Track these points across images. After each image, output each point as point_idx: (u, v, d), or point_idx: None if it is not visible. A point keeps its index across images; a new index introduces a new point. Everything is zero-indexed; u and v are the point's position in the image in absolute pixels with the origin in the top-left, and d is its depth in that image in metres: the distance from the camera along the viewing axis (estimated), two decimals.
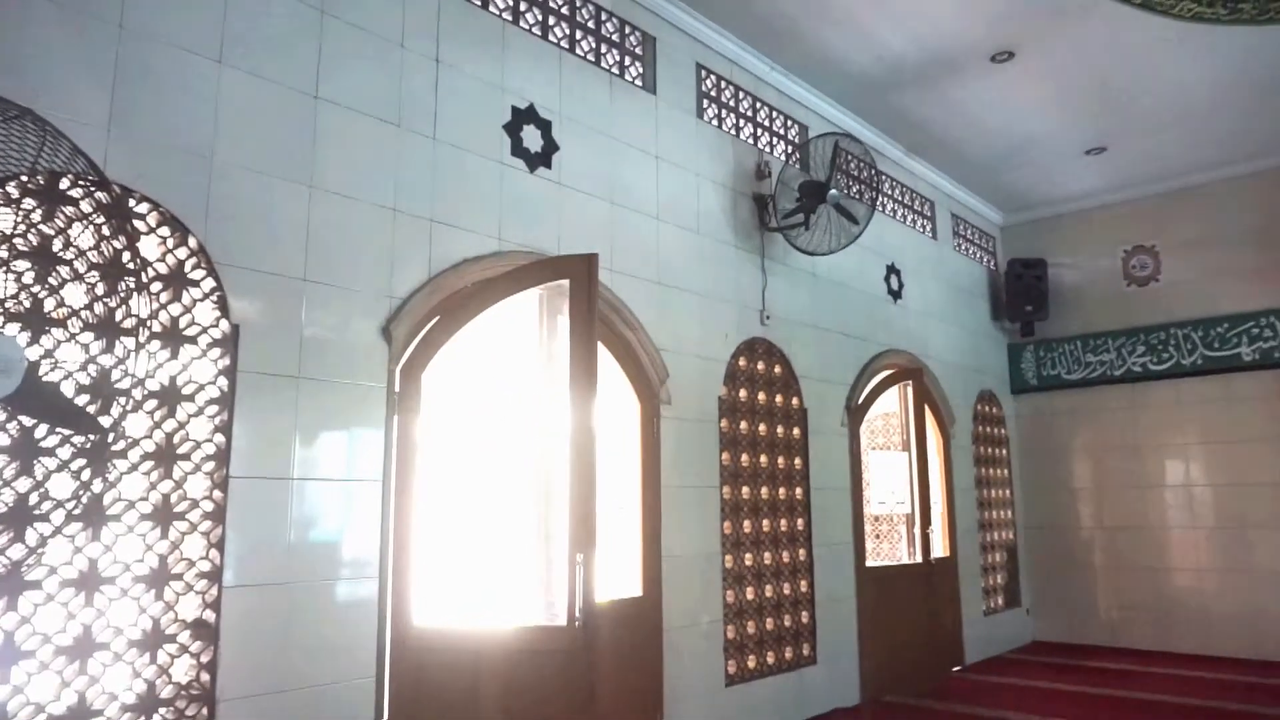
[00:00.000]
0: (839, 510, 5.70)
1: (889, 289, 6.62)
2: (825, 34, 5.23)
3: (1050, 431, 8.09)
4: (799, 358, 5.51)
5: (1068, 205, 8.10)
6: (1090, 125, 6.55)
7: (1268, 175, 7.16)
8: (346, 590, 3.09)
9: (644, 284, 4.50)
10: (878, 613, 5.77)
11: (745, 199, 5.31)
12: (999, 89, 5.94)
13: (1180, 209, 7.58)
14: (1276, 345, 6.98)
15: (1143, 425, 7.60)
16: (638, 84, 4.73)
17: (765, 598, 4.99)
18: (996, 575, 7.55)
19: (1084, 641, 7.62)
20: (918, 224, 7.23)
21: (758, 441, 5.11)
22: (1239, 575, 7.02)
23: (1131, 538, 7.56)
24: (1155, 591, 7.40)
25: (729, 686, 4.65)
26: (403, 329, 3.35)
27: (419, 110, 3.57)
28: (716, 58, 5.25)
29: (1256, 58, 5.57)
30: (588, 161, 4.30)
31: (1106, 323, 7.83)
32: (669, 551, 4.38)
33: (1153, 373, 7.54)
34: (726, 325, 5.01)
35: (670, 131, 4.85)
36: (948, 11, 5.02)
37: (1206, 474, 7.26)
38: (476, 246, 3.69)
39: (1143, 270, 7.74)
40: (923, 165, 7.18)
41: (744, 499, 4.94)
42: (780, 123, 5.79)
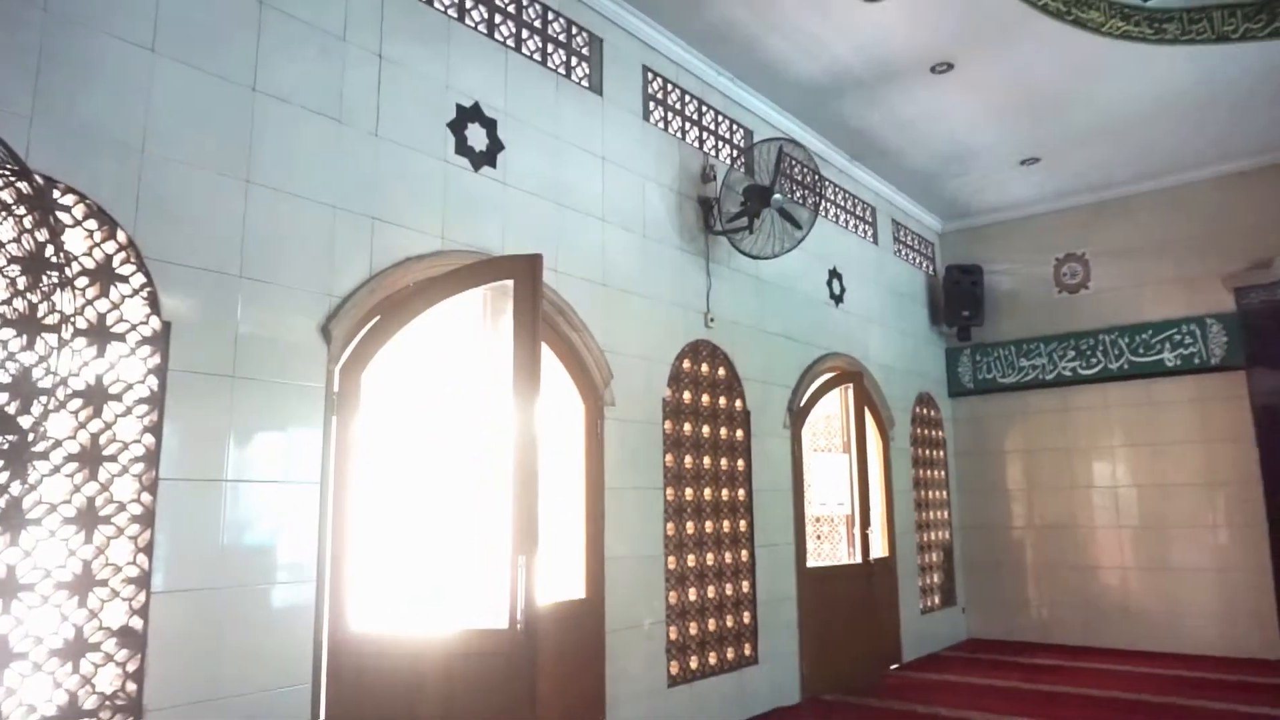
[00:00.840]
0: (781, 511, 5.77)
1: (831, 293, 6.72)
2: (771, 40, 5.29)
3: (985, 434, 8.30)
4: (742, 360, 5.56)
5: (1003, 213, 8.33)
6: (1024, 136, 6.74)
7: (1190, 189, 7.46)
8: (282, 595, 3.02)
9: (589, 285, 4.50)
10: (818, 612, 5.85)
11: (690, 202, 5.34)
12: (938, 99, 6.08)
13: (1109, 219, 7.85)
14: (1196, 352, 7.27)
15: (1072, 428, 7.85)
16: (584, 85, 4.72)
17: (708, 598, 5.02)
18: (933, 574, 7.72)
19: (1016, 638, 7.83)
20: (859, 229, 7.36)
21: (701, 443, 5.15)
22: (1160, 573, 7.30)
23: (1061, 537, 7.80)
24: (1083, 589, 7.64)
25: (671, 687, 4.66)
26: (342, 328, 3.29)
27: (361, 106, 3.52)
28: (663, 61, 5.27)
29: (1180, 76, 5.80)
30: (533, 161, 4.28)
31: (1039, 328, 8.07)
32: (612, 553, 4.38)
33: (1082, 377, 7.79)
34: (671, 327, 5.03)
35: (616, 133, 4.85)
36: (890, 22, 5.12)
37: (1131, 475, 7.53)
38: (419, 245, 3.64)
39: (1073, 278, 8.00)
40: (865, 172, 7.31)
41: (687, 500, 4.97)
42: (726, 127, 5.83)
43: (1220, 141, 6.87)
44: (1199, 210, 7.42)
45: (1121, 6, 5.34)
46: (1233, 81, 5.90)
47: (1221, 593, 7.01)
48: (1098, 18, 5.29)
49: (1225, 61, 5.63)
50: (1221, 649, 6.92)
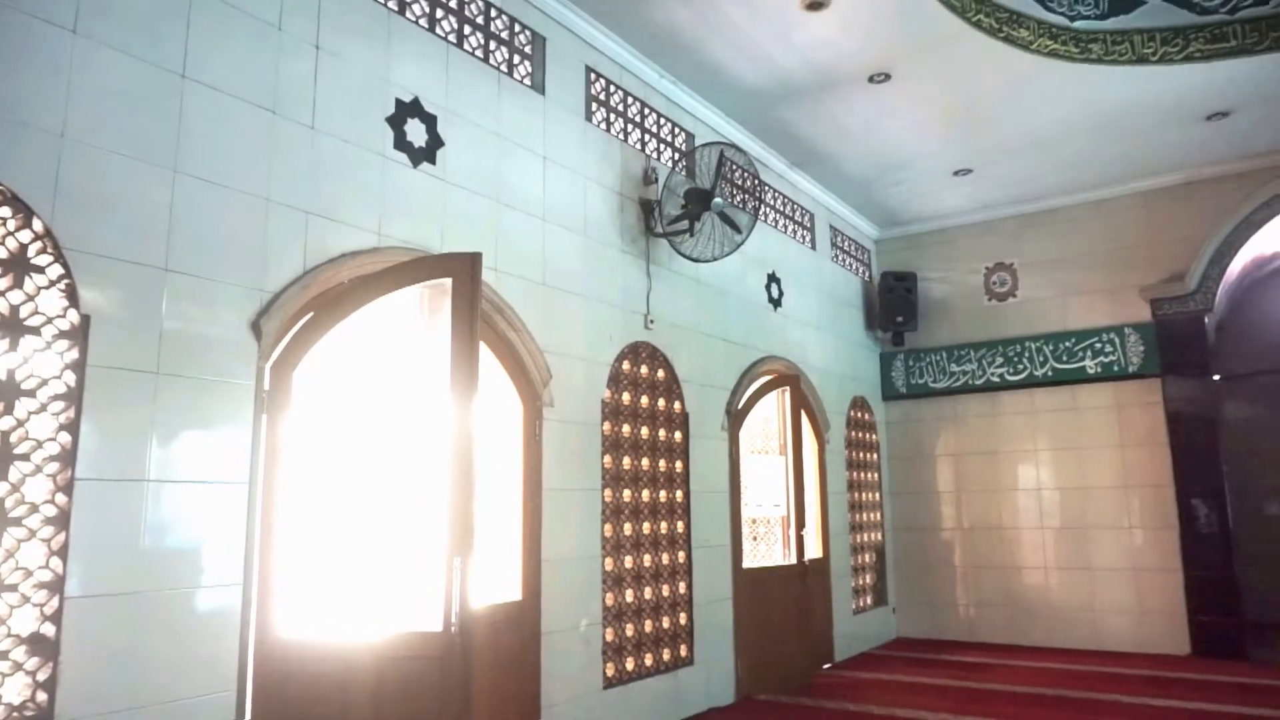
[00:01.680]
0: (718, 513, 5.81)
1: (769, 297, 6.80)
2: (714, 45, 5.34)
3: (917, 437, 8.49)
4: (682, 362, 5.59)
5: (937, 222, 8.54)
6: (958, 148, 6.92)
7: (1112, 203, 7.76)
8: (207, 599, 2.93)
9: (529, 285, 4.47)
10: (753, 613, 5.91)
11: (632, 204, 5.35)
12: (876, 109, 6.21)
13: (1037, 230, 8.11)
14: (1116, 360, 7.56)
15: (1000, 432, 8.08)
16: (526, 83, 4.69)
17: (645, 600, 5.03)
18: (866, 575, 7.86)
19: (944, 637, 8.03)
20: (798, 235, 7.46)
21: (640, 445, 5.15)
22: (1080, 572, 7.56)
23: (988, 538, 8.03)
24: (1008, 588, 7.87)
25: (607, 689, 4.66)
26: (274, 324, 3.21)
27: (297, 97, 3.43)
28: (606, 62, 5.27)
29: (1104, 94, 6.02)
30: (474, 159, 4.23)
31: (970, 335, 8.30)
32: (549, 555, 4.35)
33: (1009, 383, 8.04)
34: (611, 328, 5.03)
35: (558, 133, 4.83)
36: (830, 31, 5.20)
37: (1055, 478, 7.79)
38: (355, 241, 3.57)
39: (1002, 286, 8.24)
40: (804, 178, 7.42)
41: (625, 502, 4.97)
42: (668, 130, 5.86)
43: (1140, 159, 7.16)
44: (1120, 224, 7.72)
45: (1050, 26, 5.53)
46: (1151, 102, 6.16)
47: (1136, 591, 7.30)
48: (1027, 36, 5.46)
49: (1145, 83, 5.87)
50: (1136, 645, 7.20)
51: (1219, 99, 6.15)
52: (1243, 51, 5.59)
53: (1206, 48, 5.62)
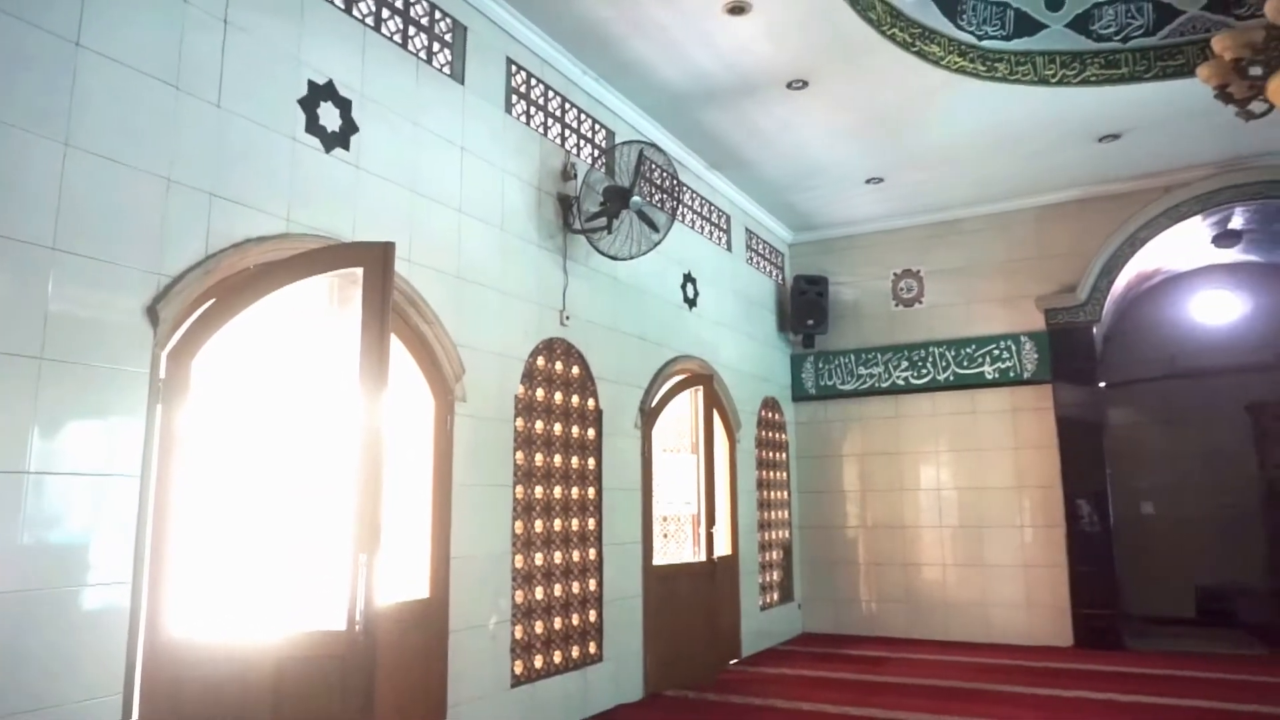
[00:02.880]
0: (630, 510, 5.83)
1: (685, 297, 6.86)
2: (637, 44, 5.35)
3: (825, 438, 8.71)
4: (597, 359, 5.59)
5: (849, 228, 8.77)
6: (871, 156, 7.12)
7: (1012, 216, 8.11)
8: (93, 598, 2.77)
9: (443, 277, 4.39)
10: (663, 610, 5.96)
11: (550, 199, 5.32)
12: (794, 115, 6.33)
13: (942, 240, 8.42)
14: (1012, 366, 7.91)
15: (903, 434, 8.36)
16: (445, 72, 4.61)
17: (554, 597, 5.01)
18: (773, 572, 8.02)
19: (847, 632, 8.26)
20: (714, 236, 7.55)
21: (553, 441, 5.13)
22: (974, 569, 7.89)
23: (890, 536, 8.29)
24: (907, 585, 8.15)
25: (515, 687, 4.62)
26: (172, 310, 3.06)
27: (202, 73, 3.28)
28: (528, 54, 5.22)
29: (1007, 112, 6.29)
30: (389, 146, 4.13)
31: (877, 339, 8.55)
32: (458, 552, 4.29)
33: (913, 386, 8.32)
34: (526, 324, 4.99)
35: (477, 124, 4.76)
36: (751, 36, 5.28)
37: (953, 478, 8.10)
38: (262, 226, 3.44)
39: (909, 292, 8.52)
40: (722, 180, 7.51)
41: (537, 499, 4.94)
42: (588, 126, 5.85)
43: (1038, 175, 7.51)
44: (1018, 237, 8.08)
45: (959, 43, 5.75)
46: (1050, 122, 6.46)
47: (1026, 586, 7.66)
48: (938, 51, 5.66)
49: (1044, 103, 6.16)
50: (1025, 637, 7.56)
51: (1111, 122, 6.51)
52: (1133, 78, 5.92)
53: (1101, 73, 5.94)
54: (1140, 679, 6.14)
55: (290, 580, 3.34)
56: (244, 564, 3.32)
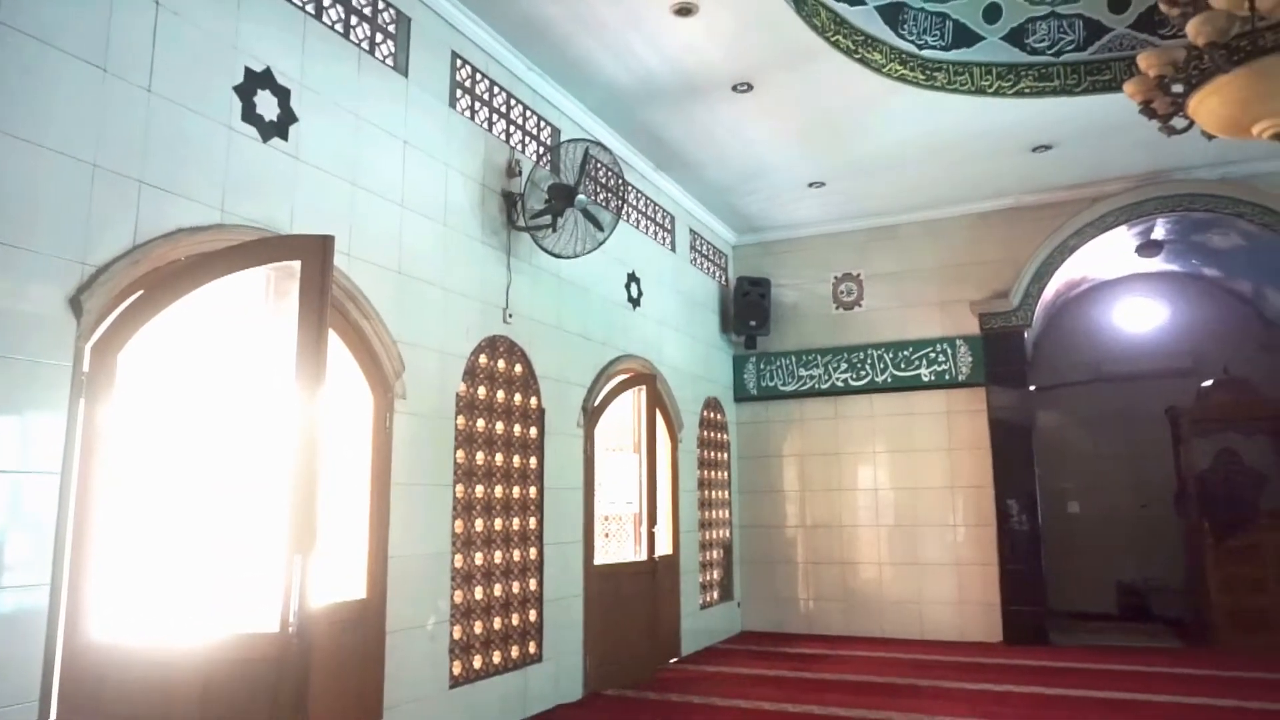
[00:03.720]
0: (571, 510, 5.81)
1: (629, 296, 6.86)
2: (584, 41, 5.33)
3: (766, 438, 8.80)
4: (540, 358, 5.55)
5: (791, 231, 8.88)
6: (813, 161, 7.22)
7: (949, 223, 8.31)
8: (8, 600, 2.65)
9: (384, 272, 4.31)
10: (603, 610, 5.95)
11: (494, 195, 5.27)
12: (738, 118, 6.38)
13: (881, 244, 8.57)
14: (948, 369, 8.10)
15: (842, 434, 8.50)
16: (388, 64, 4.52)
17: (494, 597, 4.96)
18: (713, 571, 8.08)
19: (786, 630, 8.36)
20: (659, 236, 7.57)
21: (494, 440, 5.08)
22: (909, 567, 8.06)
23: (828, 535, 8.42)
24: (844, 583, 8.29)
25: (453, 688, 4.56)
26: (97, 301, 2.95)
27: (132, 56, 3.16)
28: (473, 49, 5.17)
29: (945, 120, 6.44)
30: (329, 137, 4.04)
31: (817, 341, 8.68)
32: (397, 551, 4.22)
33: (852, 388, 8.46)
34: (468, 321, 4.94)
35: (421, 117, 4.69)
36: (697, 38, 5.31)
37: (890, 479, 8.26)
38: (195, 216, 3.33)
39: (849, 296, 8.67)
40: (667, 180, 7.53)
41: (477, 498, 4.89)
42: (534, 123, 5.81)
43: (974, 183, 7.70)
44: (955, 243, 8.28)
45: (900, 52, 5.86)
46: (985, 131, 6.64)
47: (958, 584, 7.85)
48: (880, 59, 5.77)
49: (980, 113, 6.32)
50: (956, 634, 7.75)
51: (1043, 133, 6.71)
52: (1064, 91, 6.12)
53: (1035, 85, 6.12)
54: (1064, 673, 6.34)
55: (220, 581, 3.24)
56: (171, 565, 3.21)
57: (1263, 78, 3.66)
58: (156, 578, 3.17)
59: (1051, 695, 5.67)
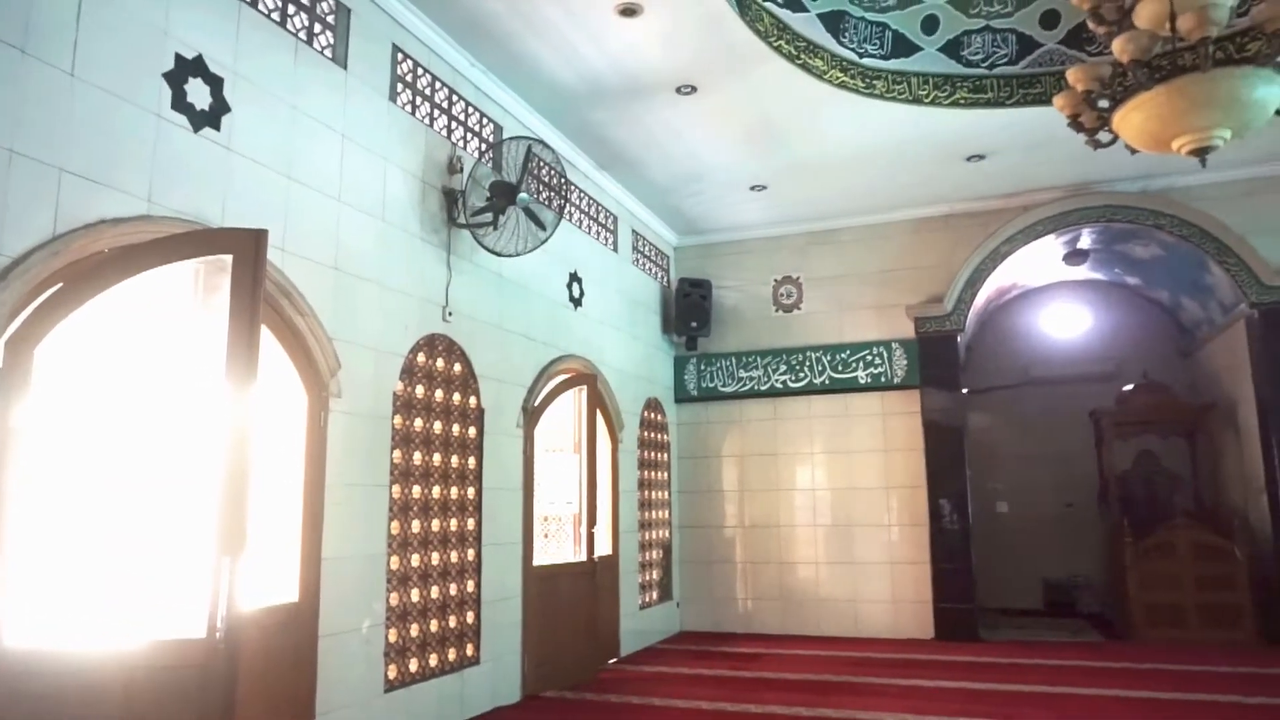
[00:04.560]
0: (510, 510, 5.76)
1: (571, 296, 6.84)
2: (528, 39, 5.29)
3: (706, 439, 8.86)
4: (480, 357, 5.49)
5: (732, 233, 8.95)
6: (755, 164, 7.29)
7: (886, 228, 8.47)
8: None
9: (320, 268, 4.22)
10: (542, 611, 5.92)
11: (435, 192, 5.20)
12: (682, 120, 6.41)
13: (821, 248, 8.71)
14: (884, 371, 8.26)
15: (780, 435, 8.60)
16: (327, 55, 4.42)
17: (431, 599, 4.89)
18: (653, 571, 8.09)
19: (724, 629, 8.42)
20: (601, 236, 7.56)
21: (432, 440, 5.01)
22: (845, 566, 8.20)
23: (766, 535, 8.51)
24: (782, 582, 8.39)
25: (388, 692, 4.48)
26: (12, 294, 2.82)
27: (54, 37, 3.03)
28: (415, 43, 5.08)
29: (883, 128, 6.56)
30: (264, 129, 3.94)
31: (757, 343, 8.77)
32: (331, 553, 4.13)
33: (791, 389, 8.57)
34: (407, 319, 4.86)
35: (360, 111, 4.60)
36: (642, 39, 5.31)
37: (827, 479, 8.39)
38: (120, 207, 3.21)
39: (788, 299, 8.78)
40: (610, 180, 7.53)
41: (414, 498, 4.81)
42: (476, 119, 5.74)
43: (910, 190, 7.87)
44: (891, 248, 8.45)
45: (841, 59, 5.96)
46: (922, 140, 6.79)
47: (892, 583, 8.01)
48: (821, 65, 5.85)
49: (918, 122, 6.45)
50: (890, 631, 7.91)
51: (977, 143, 6.89)
52: (997, 103, 6.30)
53: (969, 96, 6.28)
54: (992, 668, 6.52)
55: (145, 586, 3.12)
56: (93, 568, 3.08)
57: (1181, 96, 3.81)
58: (77, 582, 3.04)
59: (980, 690, 5.82)
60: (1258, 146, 6.80)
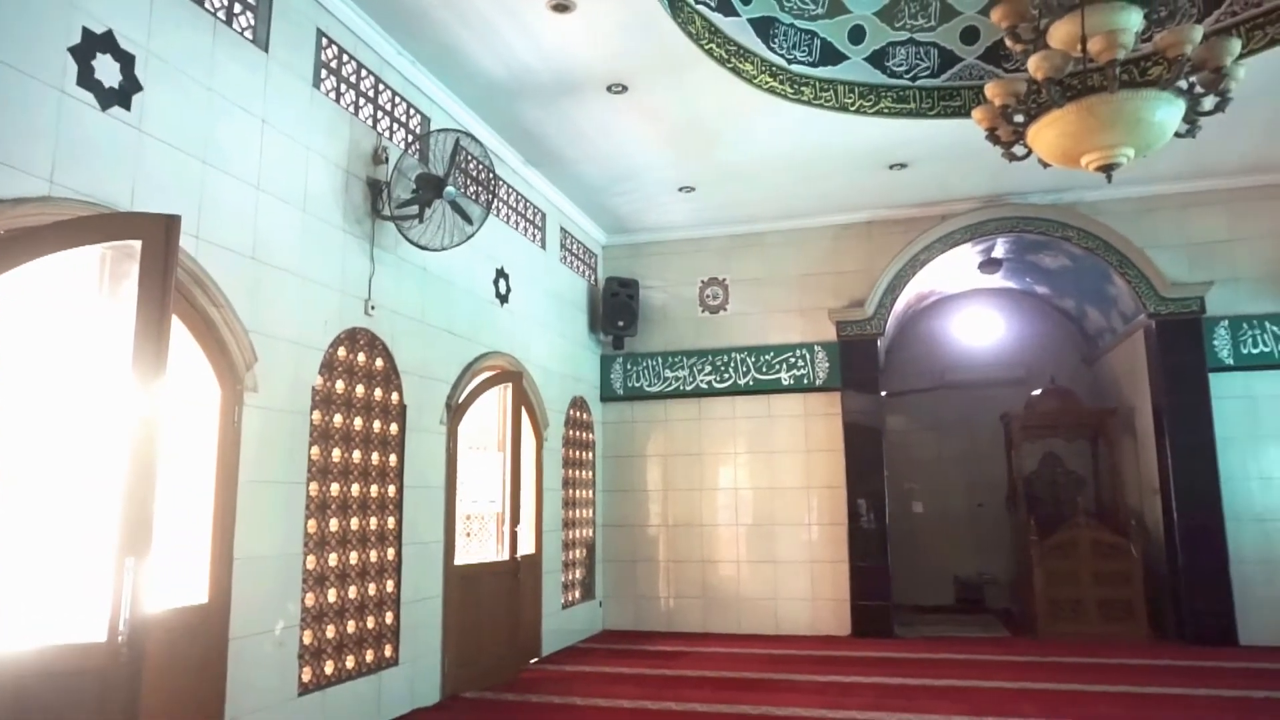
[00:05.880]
0: (432, 509, 5.67)
1: (498, 292, 6.76)
2: (458, 30, 5.21)
3: (631, 438, 8.88)
4: (403, 352, 5.39)
5: (661, 234, 8.99)
6: (684, 165, 7.34)
7: (810, 232, 8.63)
8: None
9: (236, 257, 4.07)
10: (463, 610, 5.84)
11: (359, 182, 5.07)
12: (613, 118, 6.40)
13: (747, 251, 8.82)
14: (806, 373, 8.42)
15: (705, 435, 8.68)
16: (247, 37, 4.27)
17: (349, 600, 4.77)
18: (576, 570, 8.07)
19: (646, 628, 8.45)
20: (529, 233, 7.50)
21: (352, 436, 4.89)
22: (765, 565, 8.32)
23: (689, 534, 8.58)
24: (704, 581, 8.47)
25: (302, 695, 4.36)
26: None
27: None
28: (341, 29, 4.95)
29: (810, 134, 6.68)
30: (178, 110, 3.77)
31: (684, 343, 8.83)
32: (243, 553, 3.98)
33: (716, 390, 8.66)
34: (327, 312, 4.73)
35: (281, 96, 4.45)
36: (574, 36, 5.29)
37: (750, 479, 8.50)
38: (19, 187, 3.03)
39: (714, 300, 8.86)
40: (539, 176, 7.47)
41: (333, 496, 4.69)
42: (403, 110, 5.63)
43: (834, 196, 8.04)
44: (816, 252, 8.62)
45: (771, 65, 6.04)
46: (847, 147, 6.94)
47: (811, 580, 8.17)
48: (751, 70, 5.93)
49: (843, 130, 6.59)
50: (809, 628, 8.06)
51: (900, 152, 7.08)
52: (919, 114, 6.48)
53: (893, 106, 6.45)
54: (905, 663, 6.71)
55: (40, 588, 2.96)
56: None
57: (1091, 114, 3.99)
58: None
59: (893, 685, 5.98)
60: (1158, 166, 7.17)
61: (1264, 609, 7.15)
